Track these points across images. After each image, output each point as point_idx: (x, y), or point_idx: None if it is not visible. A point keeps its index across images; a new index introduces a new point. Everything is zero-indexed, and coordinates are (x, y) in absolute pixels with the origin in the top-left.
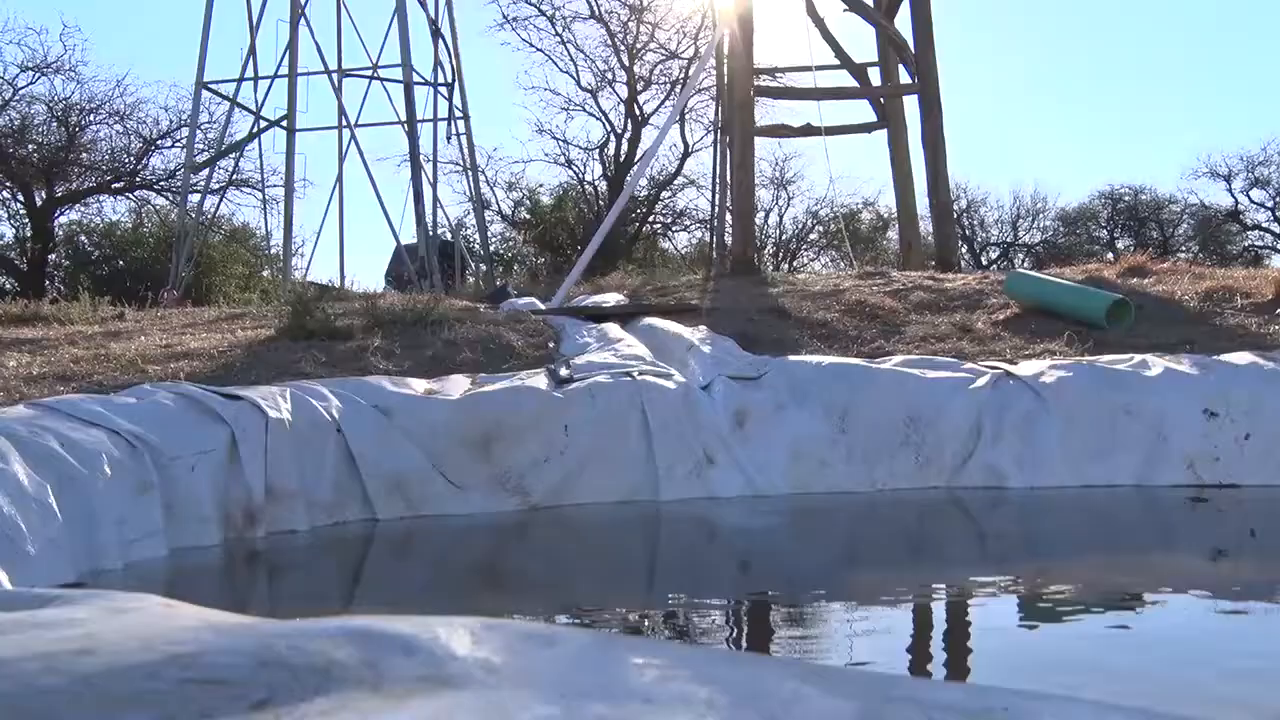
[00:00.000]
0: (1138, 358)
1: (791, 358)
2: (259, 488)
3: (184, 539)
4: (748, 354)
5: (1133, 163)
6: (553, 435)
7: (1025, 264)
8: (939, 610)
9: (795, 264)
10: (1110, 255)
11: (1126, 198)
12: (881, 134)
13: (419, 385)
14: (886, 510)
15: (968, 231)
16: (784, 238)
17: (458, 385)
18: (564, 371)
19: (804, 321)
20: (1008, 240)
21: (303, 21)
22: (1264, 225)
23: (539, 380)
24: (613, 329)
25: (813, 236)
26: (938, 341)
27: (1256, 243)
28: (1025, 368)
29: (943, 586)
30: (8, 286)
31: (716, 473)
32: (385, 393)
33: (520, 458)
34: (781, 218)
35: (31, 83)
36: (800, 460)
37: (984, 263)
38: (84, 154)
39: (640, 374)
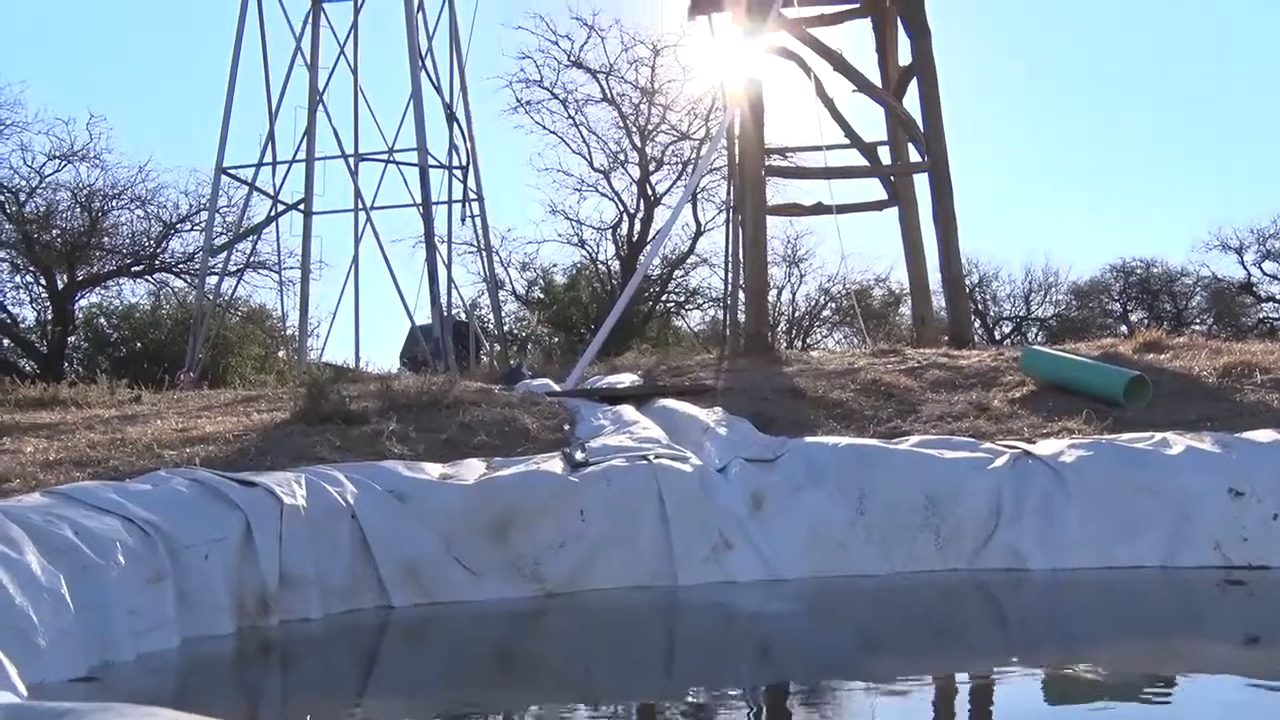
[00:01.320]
0: (1158, 436)
1: (808, 439)
2: (273, 575)
3: (197, 628)
4: (764, 435)
5: (1143, 235)
6: (569, 520)
7: (1039, 338)
8: (962, 699)
9: (809, 341)
10: (1124, 329)
11: (1138, 271)
12: (893, 211)
13: (434, 470)
14: (907, 594)
15: (980, 306)
16: (797, 315)
17: (473, 469)
18: (579, 455)
19: (819, 401)
20: (1020, 314)
21: (320, 107)
22: (1278, 298)
23: (554, 464)
24: (628, 411)
25: (825, 313)
26: (954, 420)
27: (1271, 315)
28: (1044, 447)
29: (966, 674)
30: (28, 369)
31: (734, 557)
32: (400, 477)
33: (536, 543)
34: (794, 295)
35: (58, 170)
36: (818, 543)
37: (997, 337)
38: (105, 238)
39: (656, 457)
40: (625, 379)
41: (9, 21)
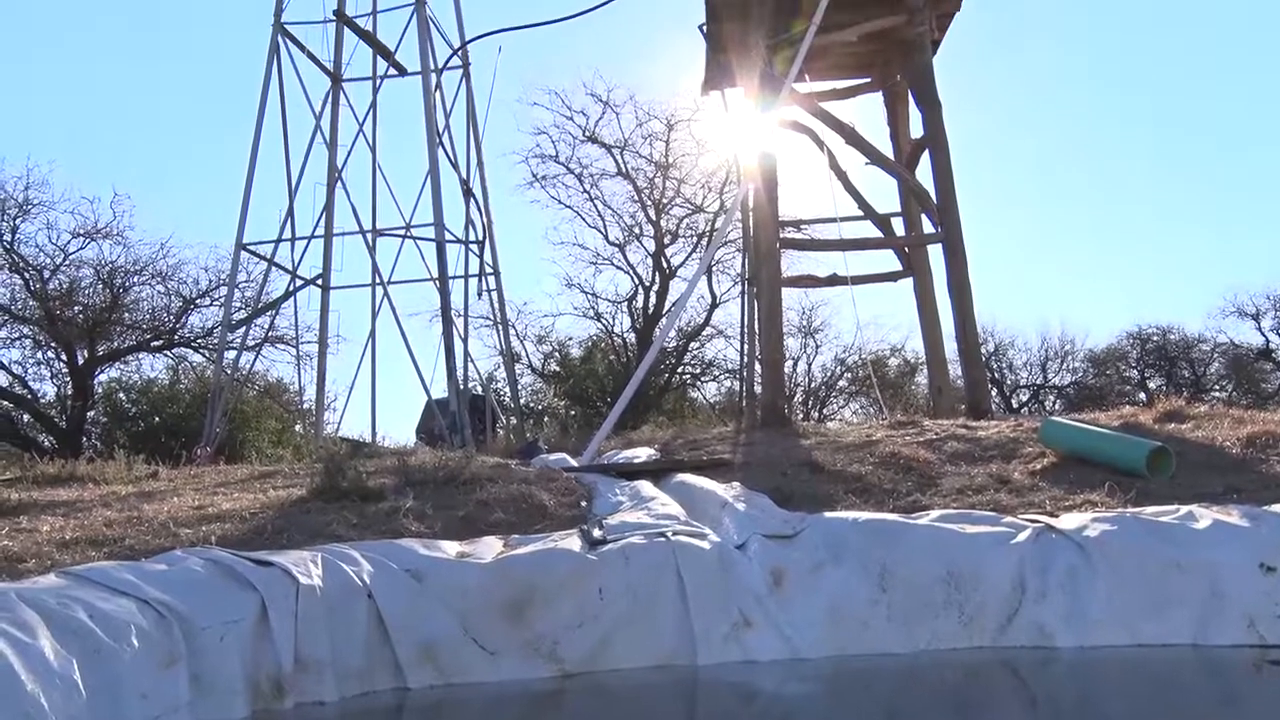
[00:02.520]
0: (1184, 509)
1: (827, 514)
2: (288, 657)
3: (210, 712)
4: (782, 510)
5: (1158, 302)
6: (587, 599)
7: (1057, 406)
8: None
9: (825, 412)
10: (1142, 396)
11: (1155, 338)
12: (908, 281)
13: (451, 548)
14: (931, 673)
15: (997, 374)
16: (813, 385)
17: (490, 548)
18: (597, 533)
19: (838, 475)
20: (1037, 382)
21: (339, 184)
22: None
23: (572, 542)
24: (645, 487)
25: (842, 383)
26: (975, 494)
27: None
28: (1067, 521)
29: None
30: (46, 444)
31: (754, 635)
32: (417, 556)
33: (554, 622)
34: (810, 366)
35: (82, 248)
36: (840, 621)
37: (1014, 405)
38: (126, 314)
39: (674, 534)
40: (642, 453)
41: (39, 102)
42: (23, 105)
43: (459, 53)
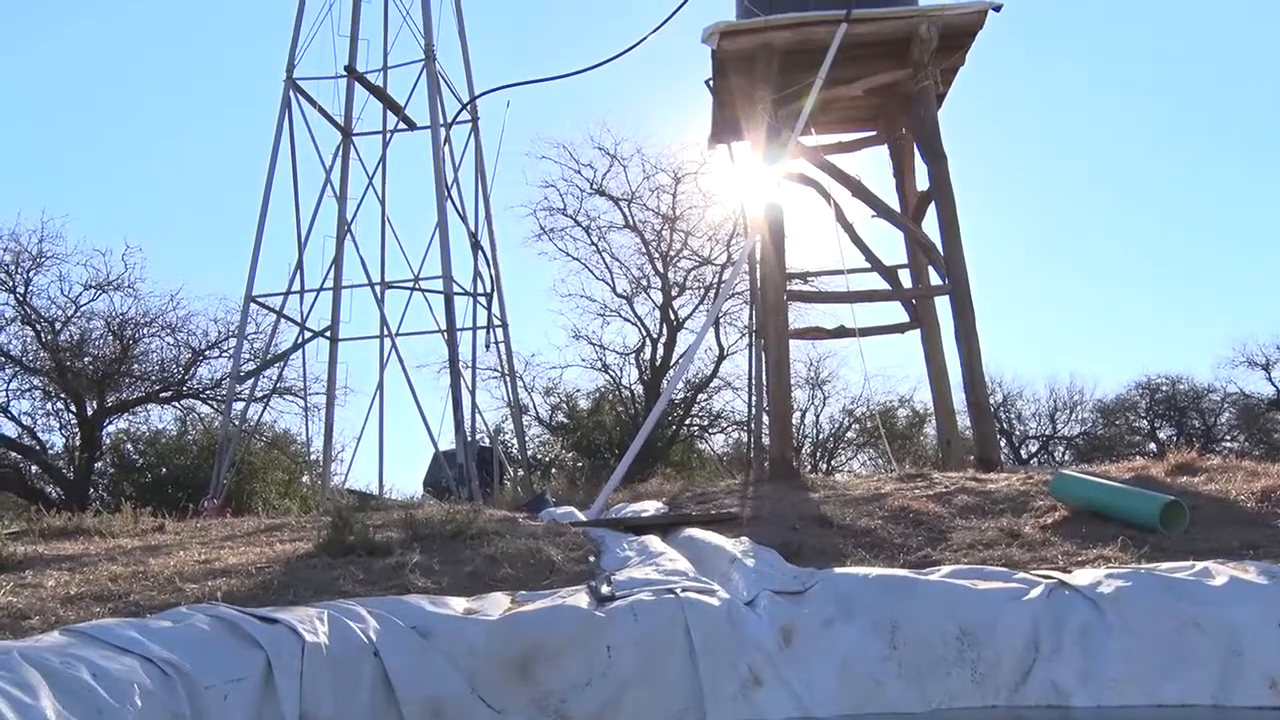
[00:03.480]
0: (1199, 565)
1: (837, 570)
2: (293, 716)
3: None
4: (791, 566)
5: (1166, 351)
6: (595, 656)
7: (1066, 457)
8: None
9: (833, 463)
10: (1153, 446)
11: (1164, 388)
12: (915, 333)
13: (458, 604)
14: None
15: (1006, 425)
16: (821, 437)
17: (497, 604)
18: (605, 589)
19: (847, 529)
20: (1046, 433)
21: (348, 236)
22: None
23: (580, 598)
24: (654, 541)
25: (850, 435)
26: (986, 548)
27: None
28: (1080, 576)
29: None
30: (54, 495)
31: (764, 694)
32: (424, 613)
33: (562, 680)
34: (818, 417)
35: (93, 300)
36: (851, 679)
37: (1023, 456)
38: (135, 365)
39: (683, 591)
40: (650, 507)
41: (56, 156)
42: (41, 158)
43: (468, 107)
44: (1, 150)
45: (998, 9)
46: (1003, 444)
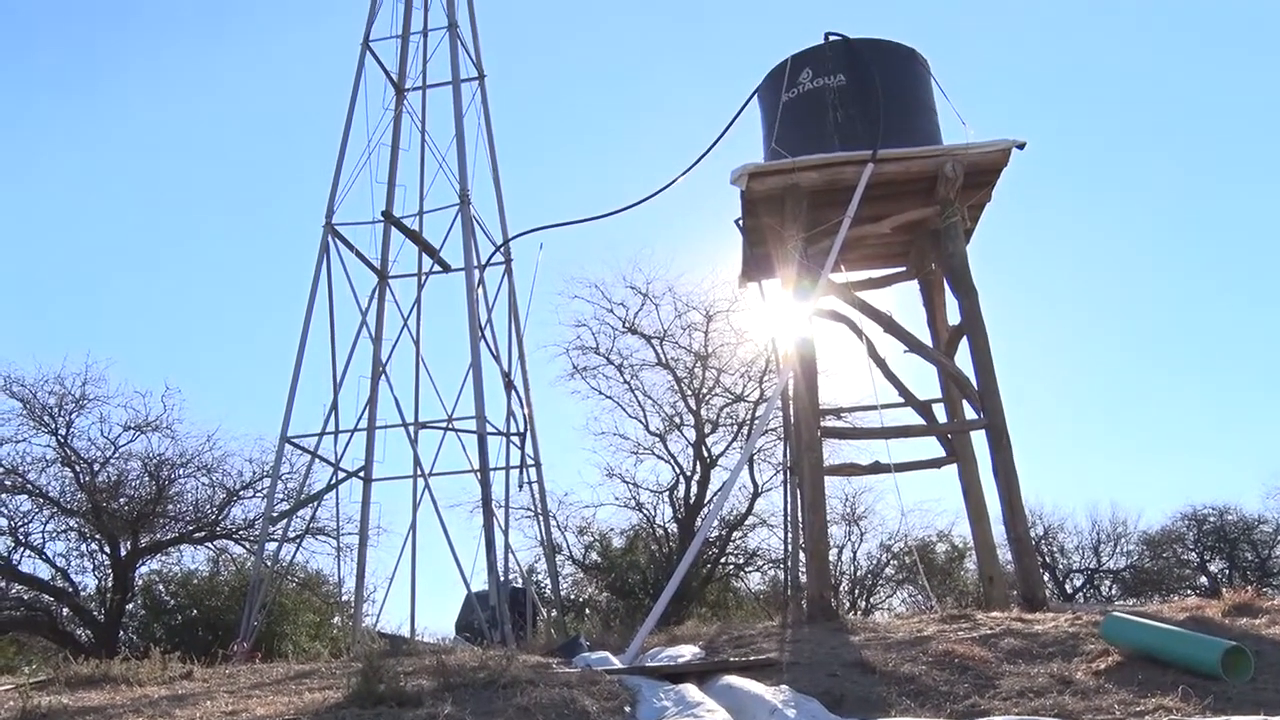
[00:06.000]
0: (1271, 719)
1: None
2: None
3: None
4: (833, 716)
5: (1208, 480)
6: None
7: (1113, 591)
8: None
9: (872, 600)
10: (1203, 580)
11: (1211, 518)
12: (951, 467)
13: None
14: None
15: (1048, 558)
16: (858, 573)
17: None
18: None
19: (890, 675)
20: (1091, 566)
21: (383, 377)
22: None
23: None
24: (691, 691)
25: (888, 571)
26: (1036, 696)
27: None
28: None
29: None
30: (84, 638)
31: None
32: None
33: None
34: (855, 554)
35: (131, 441)
36: None
37: (1068, 590)
38: (170, 505)
39: None
40: (686, 651)
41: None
42: (88, 304)
43: (501, 249)
44: (51, 297)
45: (1021, 147)
46: (1045, 578)
